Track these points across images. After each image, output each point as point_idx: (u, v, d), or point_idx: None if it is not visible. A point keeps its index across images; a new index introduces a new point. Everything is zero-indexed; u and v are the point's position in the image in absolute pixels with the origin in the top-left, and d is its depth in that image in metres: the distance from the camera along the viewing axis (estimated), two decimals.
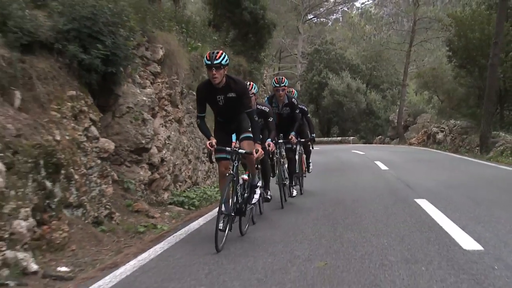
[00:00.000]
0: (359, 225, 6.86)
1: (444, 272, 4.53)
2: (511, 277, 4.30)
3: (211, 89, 6.19)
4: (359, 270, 4.69)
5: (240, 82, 6.45)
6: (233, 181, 6.20)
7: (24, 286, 4.77)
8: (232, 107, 6.33)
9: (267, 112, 7.92)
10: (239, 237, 6.39)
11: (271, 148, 7.82)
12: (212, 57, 5.96)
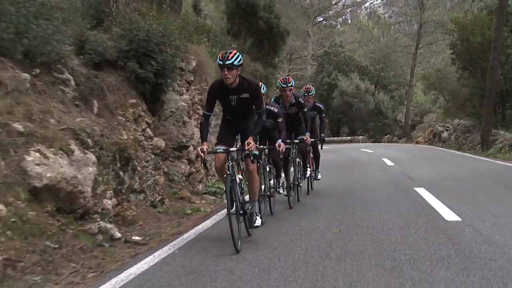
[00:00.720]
0: (365, 206, 8.47)
1: (428, 234, 6.12)
2: (476, 236, 5.87)
3: (225, 88, 6.16)
4: (364, 234, 6.29)
5: (253, 83, 6.39)
6: (233, 181, 6.11)
7: (114, 247, 6.40)
8: (244, 107, 6.33)
9: (276, 112, 7.93)
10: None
11: (281, 149, 7.59)
12: (225, 57, 5.94)
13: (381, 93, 46.65)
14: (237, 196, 6.12)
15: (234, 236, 5.65)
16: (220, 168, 6.21)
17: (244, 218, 6.37)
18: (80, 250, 5.92)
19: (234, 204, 6.03)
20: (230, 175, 6.02)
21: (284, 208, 8.55)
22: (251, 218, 6.41)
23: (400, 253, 5.23)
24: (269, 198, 8.04)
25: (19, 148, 5.87)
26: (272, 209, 8.14)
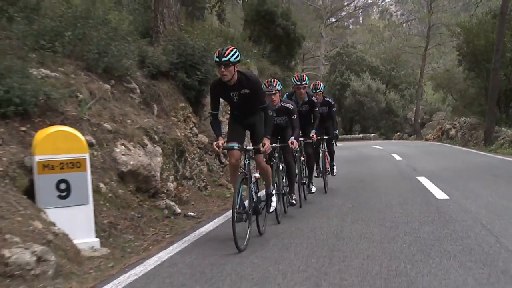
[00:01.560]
0: (373, 190, 10.32)
1: (421, 207, 7.95)
2: (457, 208, 7.67)
3: (224, 86, 6.11)
4: (372, 208, 8.14)
5: (253, 78, 6.27)
6: (246, 179, 6.14)
7: (178, 219, 8.27)
8: (247, 103, 6.24)
9: (292, 109, 7.92)
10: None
11: (294, 146, 7.77)
12: (221, 54, 5.85)
13: (392, 92, 48.34)
14: (252, 194, 6.17)
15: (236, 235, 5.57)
16: (235, 164, 6.27)
17: (256, 218, 6.37)
18: (155, 219, 7.83)
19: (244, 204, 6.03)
20: (243, 173, 6.04)
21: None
22: (267, 202, 6.64)
23: (398, 218, 7.09)
24: (283, 196, 8.02)
25: (109, 142, 7.77)
26: (285, 208, 8.16)
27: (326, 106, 10.42)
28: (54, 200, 6.02)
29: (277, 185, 7.60)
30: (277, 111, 7.87)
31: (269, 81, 7.87)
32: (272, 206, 6.70)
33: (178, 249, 6.00)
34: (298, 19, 37.20)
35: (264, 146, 6.13)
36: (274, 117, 7.79)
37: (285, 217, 7.80)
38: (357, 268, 4.73)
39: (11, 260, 4.79)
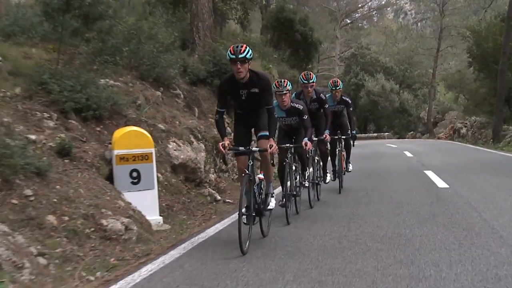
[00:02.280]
0: (384, 181, 11.86)
1: (424, 193, 9.48)
2: (454, 194, 9.18)
3: (235, 84, 6.09)
4: (382, 194, 9.69)
5: (264, 77, 6.26)
6: (250, 181, 6.09)
7: (219, 205, 9.85)
8: (254, 102, 6.20)
9: (301, 109, 7.83)
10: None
11: (308, 148, 7.82)
12: (237, 51, 5.82)
13: (405, 92, 49.66)
14: (255, 196, 6.17)
15: (242, 237, 5.56)
16: (243, 168, 6.20)
17: (260, 220, 6.39)
18: (201, 204, 9.44)
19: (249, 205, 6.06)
20: (248, 175, 5.99)
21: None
22: (265, 200, 6.53)
23: (403, 201, 8.65)
24: (295, 197, 7.98)
25: (163, 140, 9.40)
26: (297, 209, 8.16)
27: (343, 105, 10.39)
28: (128, 185, 7.65)
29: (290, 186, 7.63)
30: (287, 111, 7.85)
31: (279, 81, 7.74)
32: (270, 205, 6.58)
33: (229, 223, 7.60)
34: (315, 22, 38.79)
35: (272, 148, 6.02)
36: (285, 118, 7.96)
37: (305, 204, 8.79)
38: (369, 232, 6.31)
39: (108, 227, 6.43)
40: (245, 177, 5.97)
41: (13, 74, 8.51)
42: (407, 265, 4.78)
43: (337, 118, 10.34)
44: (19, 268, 4.96)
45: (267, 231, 6.57)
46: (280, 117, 7.88)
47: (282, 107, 7.77)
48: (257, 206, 6.23)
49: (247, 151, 6.12)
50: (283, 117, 7.96)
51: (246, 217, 5.98)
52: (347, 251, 5.45)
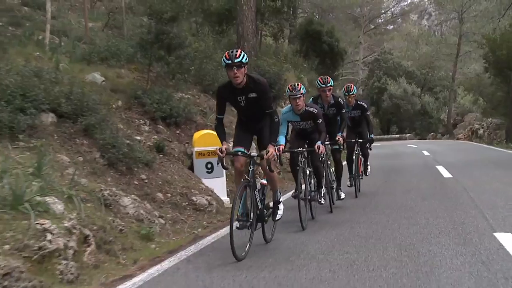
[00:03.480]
0: (401, 174, 14.36)
1: (430, 182, 11.97)
2: (455, 182, 11.63)
3: (232, 90, 6.01)
4: (398, 184, 12.21)
5: (261, 81, 6.11)
6: (250, 186, 5.94)
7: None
8: (254, 107, 6.08)
9: (316, 113, 7.67)
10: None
11: (321, 151, 7.58)
12: (232, 56, 5.73)
13: (426, 95, 51.76)
14: (256, 201, 6.02)
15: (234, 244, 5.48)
16: (240, 169, 6.15)
17: (262, 225, 6.25)
18: None
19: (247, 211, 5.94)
20: (247, 180, 5.89)
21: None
22: (274, 209, 6.48)
23: (413, 187, 11.17)
24: (310, 202, 7.86)
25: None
26: (313, 214, 8.02)
27: (359, 110, 10.24)
28: (204, 174, 10.27)
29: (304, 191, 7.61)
30: (301, 115, 7.71)
31: (293, 85, 7.63)
32: (279, 214, 6.48)
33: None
34: (339, 30, 41.21)
35: (268, 153, 5.88)
36: (299, 122, 7.86)
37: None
38: (384, 204, 8.84)
39: (197, 202, 9.06)
40: (242, 183, 5.84)
41: (113, 91, 11.26)
42: (407, 219, 7.36)
43: (355, 124, 10.40)
44: (151, 223, 7.61)
45: (270, 238, 6.46)
46: (294, 121, 7.87)
47: (296, 111, 7.66)
48: (259, 212, 6.06)
49: (245, 155, 6.08)
50: (298, 121, 7.86)
51: (242, 222, 5.83)
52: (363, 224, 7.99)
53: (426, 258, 5.20)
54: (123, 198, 7.55)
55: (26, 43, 12.96)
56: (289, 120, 7.83)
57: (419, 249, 5.58)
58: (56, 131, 8.63)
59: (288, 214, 7.19)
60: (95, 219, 6.26)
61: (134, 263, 6.02)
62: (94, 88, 10.73)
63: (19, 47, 12.21)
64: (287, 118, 7.79)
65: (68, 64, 11.82)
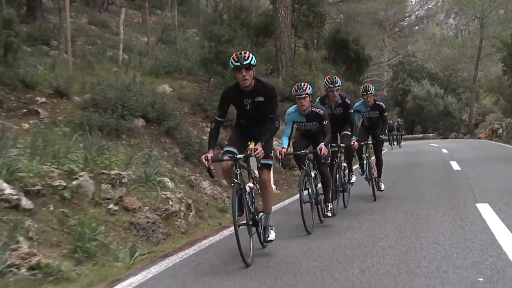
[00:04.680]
0: (417, 168, 16.75)
1: (441, 173, 14.35)
2: (461, 173, 13.94)
3: (239, 92, 5.87)
4: (415, 175, 14.66)
5: (269, 85, 6.00)
6: (241, 189, 5.72)
7: None
8: (259, 112, 5.97)
9: (322, 114, 7.45)
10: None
11: (323, 153, 7.17)
12: (241, 57, 5.60)
13: (449, 96, 53.73)
14: (248, 205, 5.81)
15: (242, 249, 5.40)
16: (227, 170, 5.99)
17: (256, 229, 6.08)
18: (294, 181, 14.49)
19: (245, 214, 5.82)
20: (238, 184, 5.66)
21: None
22: (264, 231, 6.17)
23: (426, 177, 13.58)
24: (317, 205, 7.64)
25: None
26: (321, 218, 7.81)
27: (377, 110, 9.92)
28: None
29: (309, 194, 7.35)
30: (307, 116, 7.52)
31: (299, 85, 7.47)
32: (270, 237, 6.14)
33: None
34: (364, 34, 43.40)
35: (256, 151, 5.70)
36: (305, 123, 7.65)
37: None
38: (401, 189, 11.26)
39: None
40: (234, 187, 5.63)
41: (180, 99, 13.91)
42: (416, 197, 9.86)
43: (373, 125, 10.16)
44: (223, 201, 10.17)
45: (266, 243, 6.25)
46: (299, 122, 7.71)
47: (301, 112, 7.50)
48: (252, 216, 5.90)
49: (232, 159, 5.84)
50: (303, 122, 7.67)
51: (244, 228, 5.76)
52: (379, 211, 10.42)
53: (424, 217, 7.70)
54: (203, 182, 10.17)
55: (103, 60, 15.72)
56: (294, 120, 7.66)
57: (420, 212, 8.09)
58: (146, 132, 11.31)
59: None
60: (190, 195, 8.87)
61: (219, 225, 8.57)
62: (165, 97, 13.39)
63: (100, 63, 14.96)
64: (292, 119, 7.63)
65: (141, 77, 14.51)
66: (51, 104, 11.02)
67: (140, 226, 7.07)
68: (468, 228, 6.64)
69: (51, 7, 21.02)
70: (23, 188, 6.27)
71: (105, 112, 10.69)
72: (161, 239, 7.12)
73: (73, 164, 7.23)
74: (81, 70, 13.67)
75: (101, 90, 11.38)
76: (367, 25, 52.16)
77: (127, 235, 6.88)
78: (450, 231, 6.57)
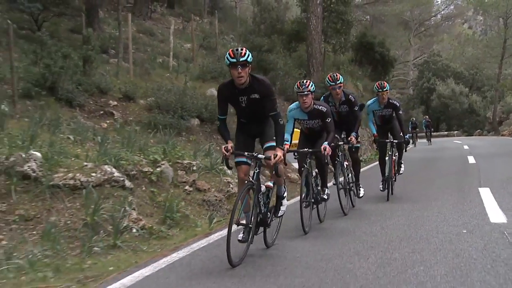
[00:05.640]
0: (438, 162, 18.52)
1: (458, 166, 16.12)
2: (475, 165, 15.68)
3: (234, 89, 5.71)
4: (434, 166, 16.40)
5: (264, 82, 5.79)
6: (253, 189, 5.69)
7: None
8: (256, 109, 5.80)
9: (325, 112, 7.31)
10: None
11: (327, 152, 7.09)
12: (237, 54, 5.45)
13: (474, 94, 54.96)
14: (260, 205, 5.78)
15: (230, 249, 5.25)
16: (243, 178, 5.90)
17: (263, 230, 6.06)
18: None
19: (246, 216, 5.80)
20: (251, 183, 5.67)
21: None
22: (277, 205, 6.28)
23: (443, 168, 15.37)
24: (317, 205, 7.65)
25: None
26: (320, 217, 7.82)
27: (391, 108, 9.65)
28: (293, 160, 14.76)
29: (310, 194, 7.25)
30: (309, 114, 7.45)
31: (301, 82, 7.36)
32: (281, 210, 6.28)
33: None
34: (390, 35, 44.93)
35: (276, 157, 5.61)
36: (307, 121, 7.58)
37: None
38: (420, 178, 13.09)
39: (291, 177, 13.50)
40: (246, 185, 5.64)
41: None
42: (430, 184, 11.71)
43: (386, 123, 9.93)
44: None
45: (271, 243, 6.25)
46: (301, 119, 7.62)
47: (303, 109, 7.41)
48: (262, 216, 5.83)
49: (251, 157, 5.78)
50: (305, 119, 7.59)
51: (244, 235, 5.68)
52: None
53: (434, 197, 9.63)
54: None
55: (155, 66, 17.80)
56: (296, 117, 7.59)
57: (431, 195, 10.00)
58: (200, 130, 13.35)
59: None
60: None
61: None
62: (214, 100, 15.39)
63: (153, 70, 17.05)
64: (294, 116, 7.55)
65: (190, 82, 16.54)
66: (121, 106, 13.12)
67: (210, 203, 9.12)
68: (467, 204, 8.53)
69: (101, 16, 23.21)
70: (124, 173, 8.31)
71: (167, 113, 12.72)
72: (225, 213, 9.12)
73: (156, 155, 9.29)
74: (140, 77, 15.76)
75: (162, 94, 13.42)
76: (393, 26, 53.67)
77: (201, 209, 8.90)
78: (452, 205, 8.48)
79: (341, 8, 23.91)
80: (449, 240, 5.97)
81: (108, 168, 7.94)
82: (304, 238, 6.73)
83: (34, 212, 6.84)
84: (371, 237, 6.46)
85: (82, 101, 12.21)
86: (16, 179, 7.07)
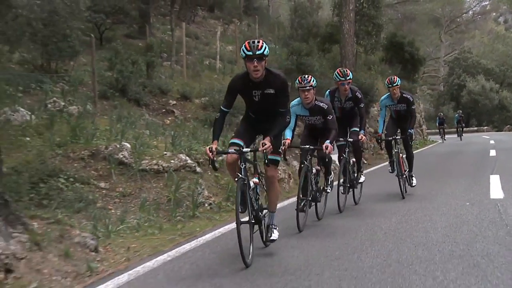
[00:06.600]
0: (462, 155, 20.12)
1: (477, 158, 17.74)
2: (494, 158, 17.22)
3: (248, 83, 5.54)
4: (455, 158, 18.08)
5: (280, 77, 5.62)
6: (245, 185, 5.49)
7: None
8: (268, 104, 5.61)
9: (326, 109, 7.21)
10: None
11: (329, 151, 7.01)
12: (253, 47, 5.28)
13: (504, 90, 55.89)
14: (251, 202, 5.59)
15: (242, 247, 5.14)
16: (232, 163, 5.67)
17: (259, 227, 5.87)
18: None
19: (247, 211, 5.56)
20: (242, 179, 5.40)
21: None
22: (267, 230, 5.94)
23: (463, 160, 17.08)
24: (315, 203, 7.58)
25: None
26: (318, 215, 7.75)
27: (404, 103, 9.37)
28: None
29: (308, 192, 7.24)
30: (310, 110, 7.37)
31: (303, 77, 7.29)
32: (273, 236, 5.90)
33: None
34: (420, 34, 46.13)
35: (264, 146, 5.31)
36: (308, 117, 7.52)
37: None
38: (440, 168, 14.79)
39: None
40: (238, 182, 5.40)
41: None
42: (448, 173, 13.40)
43: (401, 119, 9.67)
44: None
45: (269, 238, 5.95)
46: (303, 115, 7.56)
47: (304, 105, 7.33)
48: (255, 213, 5.69)
49: (237, 152, 5.53)
50: (306, 116, 7.52)
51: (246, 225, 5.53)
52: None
53: (450, 182, 11.41)
54: (293, 161, 14.01)
55: (203, 68, 19.79)
56: (298, 114, 7.54)
57: (448, 180, 11.80)
58: None
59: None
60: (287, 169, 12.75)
61: None
62: None
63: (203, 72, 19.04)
64: (295, 112, 7.44)
65: None
66: (180, 105, 15.16)
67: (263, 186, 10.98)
68: (476, 187, 10.33)
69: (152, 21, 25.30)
70: (195, 160, 10.28)
71: None
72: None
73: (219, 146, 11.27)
74: (192, 78, 17.78)
75: (214, 94, 15.39)
76: (424, 23, 54.76)
77: None
78: (463, 187, 10.31)
79: (372, 12, 25.58)
80: (453, 209, 7.89)
81: (182, 156, 9.93)
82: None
83: (129, 190, 8.83)
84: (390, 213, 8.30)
85: (147, 101, 14.30)
86: (114, 165, 9.11)
